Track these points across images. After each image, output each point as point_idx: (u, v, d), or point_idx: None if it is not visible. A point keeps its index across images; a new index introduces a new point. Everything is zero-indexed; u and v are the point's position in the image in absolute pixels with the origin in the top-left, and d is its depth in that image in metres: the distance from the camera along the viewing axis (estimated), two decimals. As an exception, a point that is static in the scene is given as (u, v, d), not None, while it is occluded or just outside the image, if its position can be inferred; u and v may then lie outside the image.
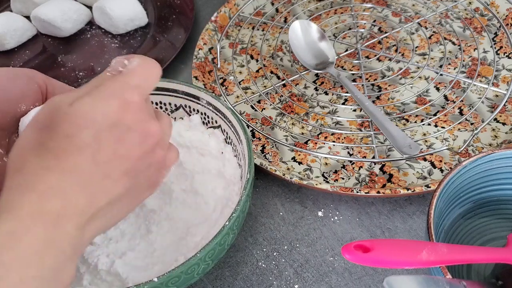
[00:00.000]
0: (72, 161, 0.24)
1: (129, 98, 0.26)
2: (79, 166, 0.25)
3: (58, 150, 0.24)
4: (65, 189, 0.24)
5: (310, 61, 0.55)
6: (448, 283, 0.28)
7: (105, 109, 0.26)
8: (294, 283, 0.40)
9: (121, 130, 0.26)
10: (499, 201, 0.38)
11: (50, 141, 0.25)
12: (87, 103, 0.25)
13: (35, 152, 0.25)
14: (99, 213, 0.26)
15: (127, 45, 0.62)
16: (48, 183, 0.24)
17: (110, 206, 0.26)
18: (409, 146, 0.43)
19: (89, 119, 0.25)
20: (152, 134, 0.27)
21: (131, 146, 0.26)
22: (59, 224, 0.23)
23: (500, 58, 0.54)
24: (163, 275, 0.31)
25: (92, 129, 0.25)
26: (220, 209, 0.40)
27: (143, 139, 0.27)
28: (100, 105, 0.26)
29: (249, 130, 0.50)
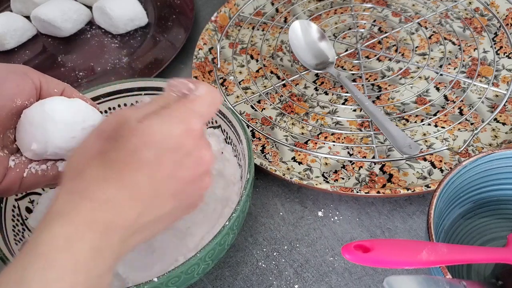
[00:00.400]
0: (132, 175, 0.26)
1: (193, 125, 0.28)
2: (136, 181, 0.26)
3: (120, 163, 0.26)
4: (118, 202, 0.25)
5: (310, 61, 0.55)
6: (448, 283, 0.28)
7: (172, 132, 0.27)
8: (294, 283, 0.40)
9: (181, 154, 0.27)
10: (499, 201, 0.38)
11: (114, 152, 0.26)
12: (156, 123, 0.27)
13: (98, 161, 0.26)
14: (142, 228, 0.27)
15: (127, 45, 0.62)
16: (106, 194, 0.25)
17: (153, 223, 0.27)
18: (409, 146, 0.43)
19: (155, 138, 0.26)
20: (205, 162, 0.29)
21: (185, 170, 0.28)
22: (107, 235, 0.24)
23: (500, 58, 0.54)
24: (163, 275, 0.31)
25: (156, 148, 0.26)
26: (220, 209, 0.40)
27: (197, 165, 0.28)
28: (167, 127, 0.27)
29: (249, 130, 0.50)
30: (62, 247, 0.23)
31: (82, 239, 0.23)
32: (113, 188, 0.25)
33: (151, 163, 0.26)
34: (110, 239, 0.24)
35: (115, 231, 0.25)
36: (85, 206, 0.24)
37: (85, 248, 0.23)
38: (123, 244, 0.25)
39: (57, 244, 0.23)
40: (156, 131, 0.26)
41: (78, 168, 0.26)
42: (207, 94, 0.29)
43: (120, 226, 0.25)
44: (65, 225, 0.23)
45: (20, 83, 0.32)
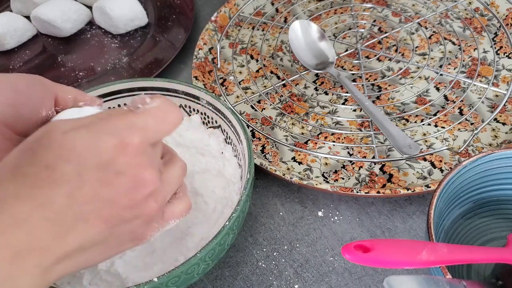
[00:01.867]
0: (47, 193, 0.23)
1: (127, 139, 0.24)
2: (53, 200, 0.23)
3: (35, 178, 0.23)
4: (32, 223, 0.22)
5: (310, 61, 0.55)
6: (448, 283, 0.28)
7: (98, 146, 0.24)
8: (294, 283, 0.40)
9: (110, 172, 0.24)
10: (499, 201, 0.38)
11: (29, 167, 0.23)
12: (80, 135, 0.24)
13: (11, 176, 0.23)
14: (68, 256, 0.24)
15: (127, 45, 0.62)
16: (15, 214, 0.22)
17: (82, 251, 0.24)
18: (409, 146, 0.43)
19: (76, 153, 0.23)
20: (145, 183, 0.25)
21: (118, 192, 0.24)
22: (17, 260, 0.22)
23: (500, 58, 0.54)
24: (163, 275, 0.31)
25: (76, 164, 0.23)
26: (220, 209, 0.40)
27: (133, 187, 0.25)
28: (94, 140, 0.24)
29: (249, 130, 0.50)
30: None
31: None
32: (25, 207, 0.22)
33: (70, 181, 0.23)
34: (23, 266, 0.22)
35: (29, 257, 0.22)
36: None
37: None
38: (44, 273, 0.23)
39: None
40: (79, 144, 0.23)
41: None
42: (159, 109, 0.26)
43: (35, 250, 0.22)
44: None
45: (42, 94, 0.32)
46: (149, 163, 0.26)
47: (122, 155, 0.24)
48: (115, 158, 0.24)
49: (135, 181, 0.25)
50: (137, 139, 0.25)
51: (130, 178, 0.25)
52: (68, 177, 0.23)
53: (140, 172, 0.25)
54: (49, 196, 0.23)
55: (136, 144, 0.25)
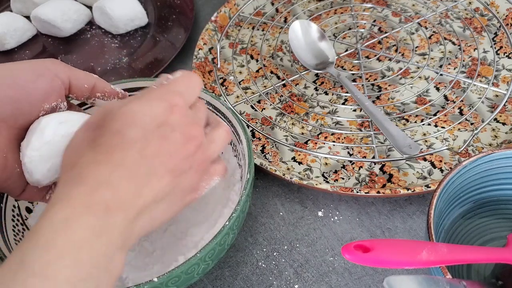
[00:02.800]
0: (121, 155, 0.26)
1: (173, 101, 0.28)
2: (127, 160, 0.26)
3: (108, 145, 0.26)
4: (113, 182, 0.25)
5: (310, 61, 0.55)
6: (448, 283, 0.28)
7: (153, 110, 0.28)
8: (294, 283, 0.40)
9: (166, 129, 0.28)
10: (499, 201, 0.38)
11: (101, 137, 0.26)
12: (136, 104, 0.28)
13: (87, 148, 0.26)
14: (146, 209, 0.27)
15: (127, 45, 0.62)
16: (98, 176, 0.25)
17: (156, 203, 0.27)
18: (409, 146, 0.43)
19: (137, 118, 0.27)
20: (193, 137, 0.29)
21: (175, 145, 0.28)
22: (109, 214, 0.24)
23: (500, 58, 0.54)
24: (163, 275, 0.31)
25: (140, 127, 0.27)
26: (220, 209, 0.40)
27: (185, 141, 0.28)
28: (148, 106, 0.28)
29: (249, 130, 0.50)
30: (60, 228, 0.23)
31: (80, 220, 0.24)
32: (105, 170, 0.25)
33: (138, 141, 0.26)
34: (113, 219, 0.25)
35: (117, 210, 0.25)
36: (80, 190, 0.25)
37: (84, 228, 0.23)
38: (130, 224, 0.25)
39: (55, 226, 0.23)
40: (138, 111, 0.27)
41: (70, 160, 0.27)
42: (183, 76, 0.31)
43: (120, 204, 0.25)
44: (62, 209, 0.24)
45: (48, 87, 0.32)
46: (193, 121, 0.30)
47: (172, 115, 0.28)
48: (167, 118, 0.28)
49: (186, 135, 0.28)
50: (180, 101, 0.29)
51: (182, 133, 0.28)
52: (135, 138, 0.27)
53: (188, 128, 0.29)
54: (122, 157, 0.26)
55: (181, 105, 0.29)
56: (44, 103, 0.32)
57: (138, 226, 0.26)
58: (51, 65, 0.33)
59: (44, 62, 0.33)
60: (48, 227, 0.23)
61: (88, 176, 0.25)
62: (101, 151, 0.26)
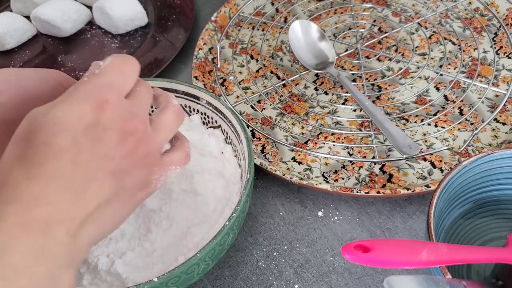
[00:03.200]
0: (53, 167, 0.24)
1: (102, 97, 0.26)
2: (60, 171, 0.24)
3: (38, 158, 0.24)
4: (49, 196, 0.24)
5: (310, 61, 0.55)
6: (448, 283, 0.28)
7: (79, 112, 0.25)
8: (294, 283, 0.40)
9: (98, 130, 0.26)
10: (499, 201, 0.38)
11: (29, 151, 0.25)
12: (60, 109, 0.25)
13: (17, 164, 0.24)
14: (91, 217, 0.25)
15: (127, 45, 0.62)
16: (32, 192, 0.23)
17: (101, 209, 0.26)
18: (409, 146, 0.43)
19: (63, 124, 0.25)
20: (131, 132, 0.27)
21: (110, 145, 0.26)
22: (48, 231, 0.23)
23: (500, 58, 0.54)
24: (163, 275, 0.31)
25: (68, 133, 0.25)
26: (220, 209, 0.40)
27: (122, 138, 0.26)
28: (74, 109, 0.26)
29: (249, 130, 0.50)
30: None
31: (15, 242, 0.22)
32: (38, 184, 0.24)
33: (68, 149, 0.25)
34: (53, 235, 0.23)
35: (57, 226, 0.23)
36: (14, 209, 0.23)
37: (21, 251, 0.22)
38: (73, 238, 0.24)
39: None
40: (62, 116, 0.25)
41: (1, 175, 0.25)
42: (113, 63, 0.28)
43: (61, 219, 0.24)
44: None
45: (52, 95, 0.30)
46: (129, 114, 0.27)
47: (102, 113, 0.26)
48: (97, 117, 0.26)
49: (122, 132, 0.26)
50: (110, 95, 0.27)
51: (116, 130, 0.26)
52: (65, 147, 0.25)
53: (123, 123, 0.27)
54: (54, 168, 0.24)
55: (112, 99, 0.26)
56: None
57: (85, 237, 0.25)
58: (56, 74, 0.32)
59: (48, 71, 0.32)
60: None
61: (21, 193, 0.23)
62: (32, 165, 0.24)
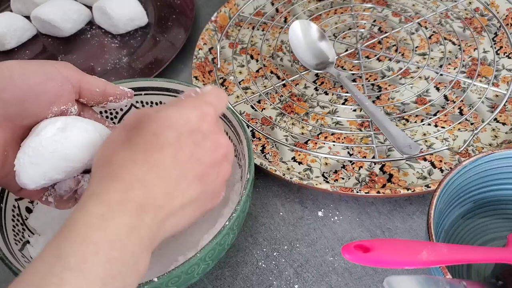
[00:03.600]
0: (157, 156, 0.27)
1: (206, 110, 0.30)
2: (162, 161, 0.27)
3: (145, 145, 0.27)
4: (148, 182, 0.26)
5: (310, 61, 0.55)
6: (448, 283, 0.28)
7: (187, 116, 0.29)
8: (294, 283, 0.40)
9: (199, 136, 0.29)
10: (499, 201, 0.38)
11: (138, 137, 0.27)
12: (172, 110, 0.29)
13: (124, 147, 0.27)
14: (174, 212, 0.27)
15: (127, 45, 0.62)
16: (134, 174, 0.26)
17: (182, 208, 0.28)
18: (409, 146, 0.43)
19: (173, 121, 0.28)
20: (222, 145, 0.30)
21: (205, 152, 0.29)
22: (141, 213, 0.25)
23: (500, 58, 0.54)
24: (163, 275, 0.31)
25: (176, 130, 0.28)
26: (220, 209, 0.40)
27: (214, 148, 0.30)
28: (183, 113, 0.29)
29: (249, 130, 0.50)
30: (97, 225, 0.24)
31: (115, 217, 0.24)
32: (141, 169, 0.26)
33: (173, 144, 0.27)
34: (144, 218, 0.25)
35: (148, 210, 0.25)
36: (116, 187, 0.25)
37: (118, 225, 0.24)
38: (158, 225, 0.26)
39: (91, 221, 0.24)
40: (173, 116, 0.28)
41: (106, 157, 0.28)
42: (213, 90, 0.32)
43: (152, 205, 0.26)
44: (99, 204, 0.25)
45: (57, 91, 0.32)
46: (221, 130, 0.31)
47: (204, 122, 0.29)
48: (200, 125, 0.29)
49: (215, 143, 0.30)
50: (212, 111, 0.30)
51: (212, 140, 0.30)
52: (171, 141, 0.28)
53: (217, 136, 0.30)
54: (159, 157, 0.27)
55: (212, 114, 0.30)
56: (52, 105, 0.32)
57: (164, 227, 0.27)
58: (63, 68, 0.33)
59: (55, 65, 0.33)
60: (84, 222, 0.24)
61: (124, 173, 0.26)
62: (138, 150, 0.27)
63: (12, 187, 0.33)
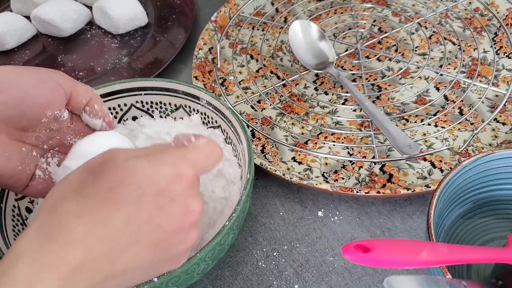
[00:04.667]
0: (107, 214, 0.24)
1: (183, 171, 0.26)
2: (112, 221, 0.24)
3: (96, 200, 0.24)
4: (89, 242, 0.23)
5: (310, 61, 0.55)
6: (448, 283, 0.28)
7: (157, 174, 0.25)
8: (294, 283, 0.40)
9: (165, 199, 0.25)
10: (499, 201, 0.38)
11: (92, 188, 0.25)
12: (142, 164, 0.25)
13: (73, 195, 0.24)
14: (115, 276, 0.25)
15: (127, 45, 0.62)
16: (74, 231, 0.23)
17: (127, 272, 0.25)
18: (409, 146, 0.43)
19: (138, 178, 0.25)
20: (192, 212, 0.27)
21: (169, 218, 0.26)
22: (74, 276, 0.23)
23: (500, 58, 0.54)
24: (163, 275, 0.31)
25: (138, 189, 0.25)
26: (220, 209, 0.40)
27: (183, 214, 0.26)
28: (154, 169, 0.25)
29: (249, 130, 0.50)
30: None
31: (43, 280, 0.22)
32: (85, 226, 0.24)
33: (130, 204, 0.24)
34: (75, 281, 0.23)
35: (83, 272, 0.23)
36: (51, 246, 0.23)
37: None
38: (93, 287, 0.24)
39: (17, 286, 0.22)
40: (140, 171, 0.25)
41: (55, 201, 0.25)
42: (206, 146, 0.28)
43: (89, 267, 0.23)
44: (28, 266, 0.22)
45: (50, 96, 0.32)
46: (197, 194, 0.27)
47: (177, 184, 0.26)
48: (171, 186, 0.26)
49: (185, 209, 0.26)
50: (191, 172, 0.27)
51: (182, 206, 0.26)
52: (129, 200, 0.24)
53: (190, 201, 0.27)
54: (109, 215, 0.24)
55: (190, 176, 0.27)
56: (47, 110, 0.32)
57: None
58: (55, 75, 0.33)
59: (48, 72, 0.33)
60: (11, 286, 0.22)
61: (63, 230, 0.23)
62: (86, 204, 0.24)
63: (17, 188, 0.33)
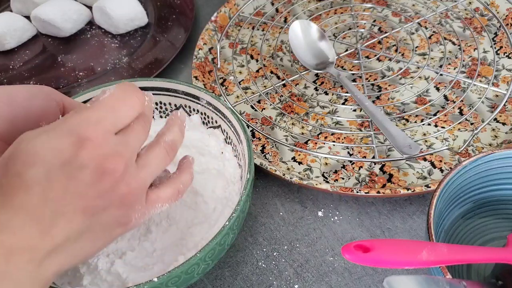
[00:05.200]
0: (21, 199, 0.25)
1: (85, 134, 0.26)
2: (27, 204, 0.25)
3: (7, 188, 0.25)
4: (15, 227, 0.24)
5: (310, 61, 0.55)
6: (448, 283, 0.28)
7: (58, 147, 0.25)
8: (294, 283, 0.40)
9: (73, 167, 0.25)
10: (499, 201, 0.38)
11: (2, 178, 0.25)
12: (40, 140, 0.25)
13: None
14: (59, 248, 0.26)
15: (127, 45, 0.62)
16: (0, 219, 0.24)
17: (71, 242, 0.26)
18: (409, 146, 0.43)
19: (39, 157, 0.25)
20: (109, 171, 0.26)
21: (84, 184, 0.26)
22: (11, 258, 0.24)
23: (500, 58, 0.54)
24: (163, 275, 0.31)
25: (42, 167, 0.25)
26: (220, 209, 0.40)
27: (97, 178, 0.26)
28: (52, 143, 0.25)
29: (249, 130, 0.50)
30: None
31: None
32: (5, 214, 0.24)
33: (39, 183, 0.25)
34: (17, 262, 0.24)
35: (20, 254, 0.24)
36: None
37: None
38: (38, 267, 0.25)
39: None
40: (39, 148, 0.25)
41: None
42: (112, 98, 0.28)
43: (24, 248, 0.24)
44: None
45: (43, 106, 0.32)
46: (113, 152, 0.27)
47: (82, 150, 0.25)
48: (75, 154, 0.25)
49: (98, 172, 0.26)
50: (94, 133, 0.26)
51: (93, 169, 0.26)
52: (37, 180, 0.25)
53: (102, 162, 0.26)
54: (23, 199, 0.25)
55: (94, 137, 0.26)
56: (41, 122, 0.32)
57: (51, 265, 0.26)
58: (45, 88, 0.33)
59: (37, 86, 0.33)
60: None
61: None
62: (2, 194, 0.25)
63: None
